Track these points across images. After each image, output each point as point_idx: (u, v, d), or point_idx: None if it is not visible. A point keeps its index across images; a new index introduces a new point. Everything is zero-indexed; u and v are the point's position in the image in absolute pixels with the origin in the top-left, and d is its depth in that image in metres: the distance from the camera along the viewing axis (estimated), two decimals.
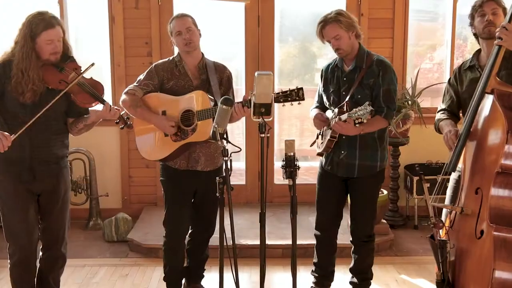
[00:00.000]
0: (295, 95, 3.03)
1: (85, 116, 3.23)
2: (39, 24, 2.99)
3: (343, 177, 3.47)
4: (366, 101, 3.18)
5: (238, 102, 3.20)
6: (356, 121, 3.04)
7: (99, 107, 3.18)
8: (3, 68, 3.05)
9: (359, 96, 3.32)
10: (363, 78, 3.33)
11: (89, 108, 3.25)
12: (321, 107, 3.58)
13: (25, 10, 3.18)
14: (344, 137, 3.33)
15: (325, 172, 3.54)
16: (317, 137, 3.57)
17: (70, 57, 3.15)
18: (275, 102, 3.00)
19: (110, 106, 3.14)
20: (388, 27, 5.19)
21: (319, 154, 3.54)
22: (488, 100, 2.82)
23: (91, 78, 3.20)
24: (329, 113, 3.46)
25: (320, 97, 3.58)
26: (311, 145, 3.63)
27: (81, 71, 3.08)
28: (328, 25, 3.29)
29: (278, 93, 3.05)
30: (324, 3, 5.19)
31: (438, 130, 3.28)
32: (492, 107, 2.79)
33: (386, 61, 3.40)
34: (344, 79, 3.40)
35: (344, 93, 3.38)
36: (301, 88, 3.05)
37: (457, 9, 5.21)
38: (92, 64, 3.07)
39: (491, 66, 2.83)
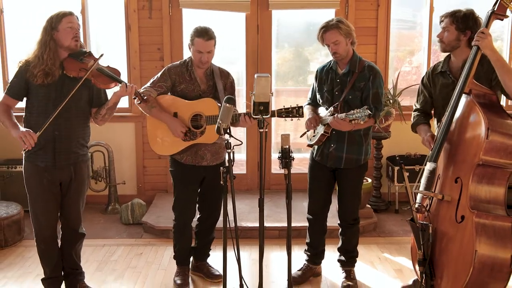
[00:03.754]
0: (295, 113, 3.06)
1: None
2: (59, 15, 3.03)
3: (332, 168, 3.47)
4: (356, 101, 3.16)
5: (245, 114, 3.17)
6: (353, 121, 3.02)
7: (116, 88, 3.16)
8: (25, 65, 3.06)
9: (350, 97, 3.30)
10: (355, 81, 3.31)
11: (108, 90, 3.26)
12: (313, 104, 3.56)
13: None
14: (334, 132, 3.32)
15: (316, 163, 3.53)
16: (308, 130, 3.56)
17: (87, 51, 3.16)
18: (277, 116, 3.07)
19: (126, 84, 3.11)
20: (372, 35, 5.18)
21: (310, 146, 3.54)
22: (466, 99, 2.79)
23: (108, 66, 3.20)
24: (321, 110, 3.45)
25: (314, 95, 3.55)
26: (301, 136, 3.63)
27: (98, 58, 3.09)
28: (329, 31, 3.26)
29: (281, 109, 3.07)
30: (315, 14, 5.16)
31: (415, 130, 3.27)
32: (469, 106, 2.75)
33: (376, 67, 3.38)
34: (338, 80, 3.37)
35: (337, 93, 3.36)
36: (301, 107, 3.08)
37: (433, 19, 5.19)
38: (101, 55, 3.11)
39: (469, 69, 2.79)
